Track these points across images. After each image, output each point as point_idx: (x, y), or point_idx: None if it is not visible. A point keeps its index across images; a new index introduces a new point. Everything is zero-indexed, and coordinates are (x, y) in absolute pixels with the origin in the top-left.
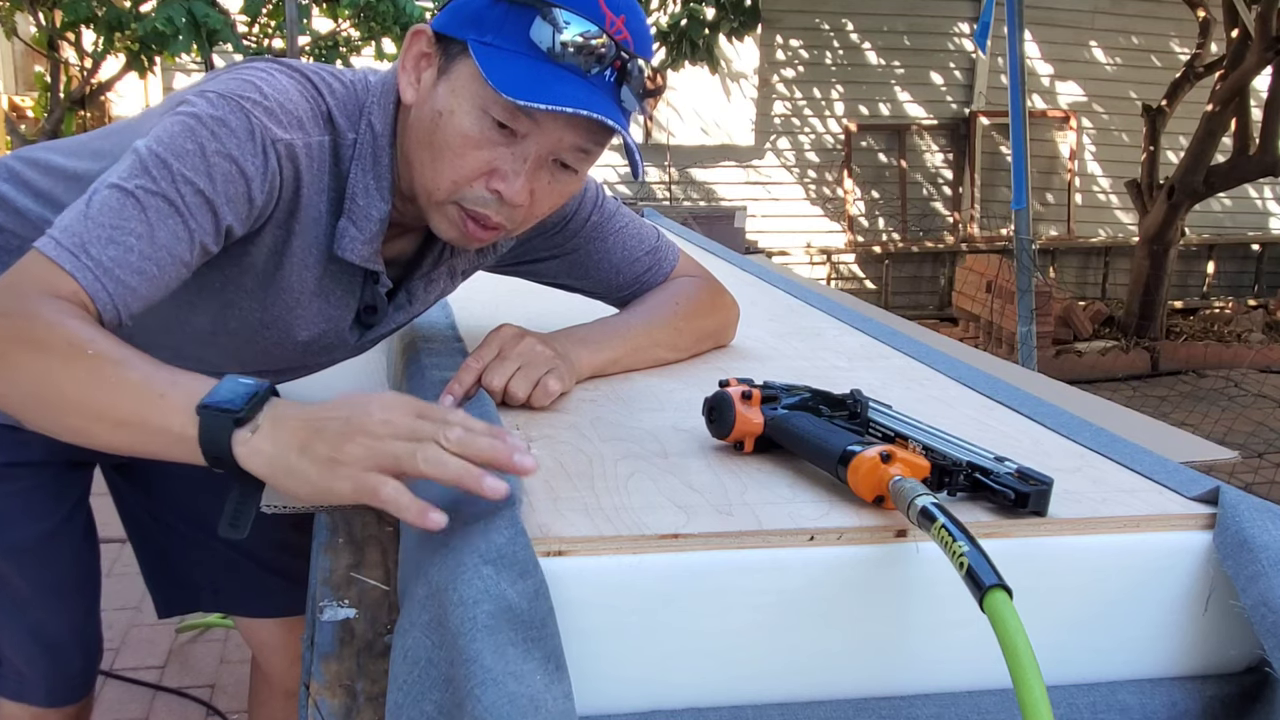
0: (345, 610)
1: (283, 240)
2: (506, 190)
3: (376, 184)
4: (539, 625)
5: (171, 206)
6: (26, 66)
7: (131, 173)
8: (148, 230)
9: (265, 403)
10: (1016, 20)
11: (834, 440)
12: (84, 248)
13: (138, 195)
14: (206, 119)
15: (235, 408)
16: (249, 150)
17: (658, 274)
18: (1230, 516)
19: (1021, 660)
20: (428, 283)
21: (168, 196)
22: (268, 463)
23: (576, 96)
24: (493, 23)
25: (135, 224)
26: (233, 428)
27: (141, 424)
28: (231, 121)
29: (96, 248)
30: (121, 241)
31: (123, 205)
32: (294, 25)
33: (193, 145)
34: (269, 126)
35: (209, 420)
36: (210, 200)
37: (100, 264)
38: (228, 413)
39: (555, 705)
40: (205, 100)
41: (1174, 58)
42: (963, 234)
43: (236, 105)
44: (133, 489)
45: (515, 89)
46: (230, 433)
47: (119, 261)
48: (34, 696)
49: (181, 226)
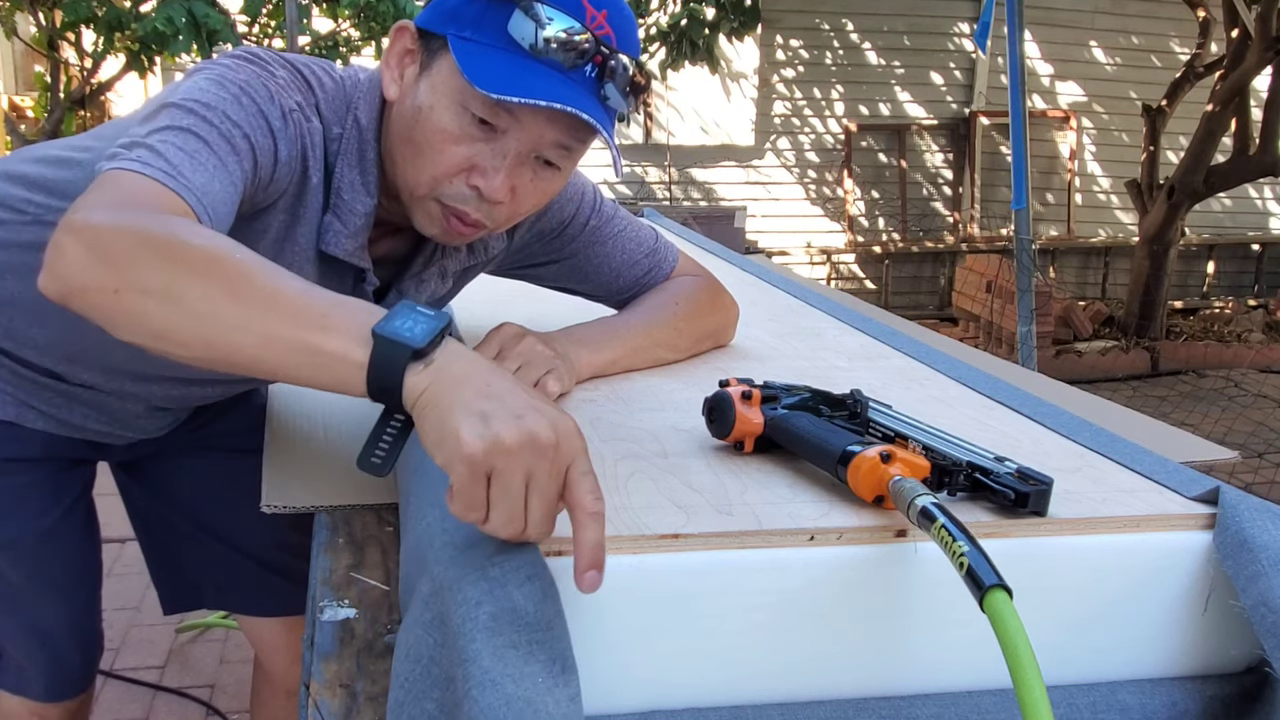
0: (345, 610)
1: (287, 226)
2: (486, 186)
3: (362, 179)
4: (544, 627)
5: (229, 143)
6: (26, 66)
7: (177, 117)
8: (219, 162)
9: (444, 340)
10: (1016, 20)
11: (834, 440)
12: (177, 170)
13: (196, 131)
14: (232, 76)
15: (417, 340)
16: (273, 111)
17: (657, 275)
18: (1230, 516)
19: (1021, 660)
20: (418, 283)
21: (224, 133)
22: (425, 397)
23: (555, 91)
24: (472, 18)
25: (206, 156)
26: (409, 360)
27: (297, 341)
28: (254, 82)
29: (188, 170)
30: (202, 169)
31: (186, 140)
32: (294, 25)
33: (227, 95)
34: (284, 93)
35: (385, 348)
36: (253, 145)
37: (197, 187)
38: (406, 345)
39: (557, 709)
40: (223, 64)
41: (1174, 58)
42: (963, 234)
43: (253, 69)
44: (140, 487)
45: (492, 83)
46: (405, 366)
47: (208, 189)
48: (34, 690)
49: (238, 165)
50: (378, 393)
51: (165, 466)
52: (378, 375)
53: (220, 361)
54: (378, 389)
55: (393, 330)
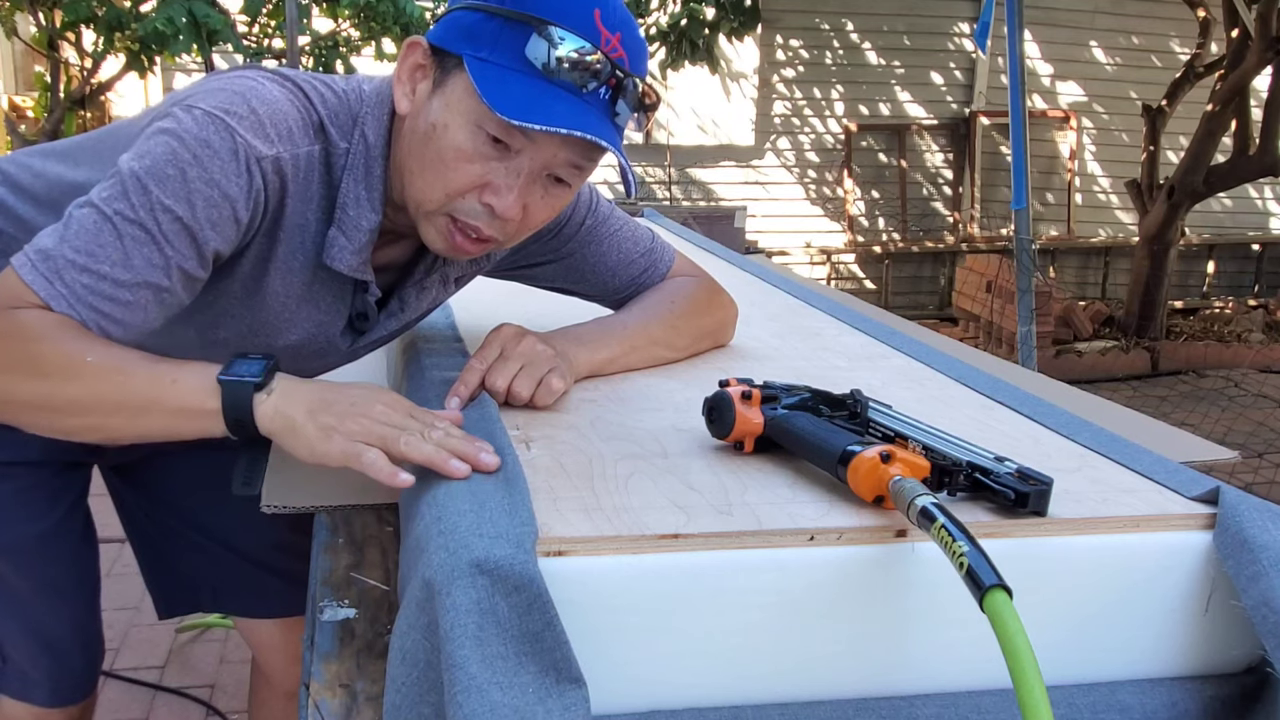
0: (345, 610)
1: (267, 248)
2: (499, 204)
3: (368, 195)
4: (531, 638)
5: (147, 234)
6: (26, 66)
7: (111, 195)
8: (123, 257)
9: (275, 371)
10: (1016, 20)
11: (834, 440)
12: (59, 274)
13: (114, 222)
14: (190, 140)
15: (255, 376)
16: (232, 171)
17: (654, 275)
18: (1230, 516)
19: (1021, 660)
20: (420, 290)
21: (144, 224)
22: (280, 421)
23: (572, 116)
24: (488, 38)
25: (111, 250)
26: (253, 392)
27: (161, 407)
28: (215, 142)
29: (71, 274)
30: (95, 270)
31: (99, 230)
32: (294, 25)
33: (174, 170)
34: (253, 144)
35: (231, 389)
36: (189, 227)
37: (74, 291)
38: (247, 382)
39: (548, 719)
40: (191, 117)
41: (1174, 58)
42: (963, 234)
43: (221, 124)
44: (131, 490)
45: (511, 109)
46: (251, 397)
47: (92, 289)
48: (37, 696)
49: (157, 253)
50: (235, 427)
51: (160, 468)
52: (232, 413)
53: (110, 439)
54: (234, 423)
55: (234, 374)
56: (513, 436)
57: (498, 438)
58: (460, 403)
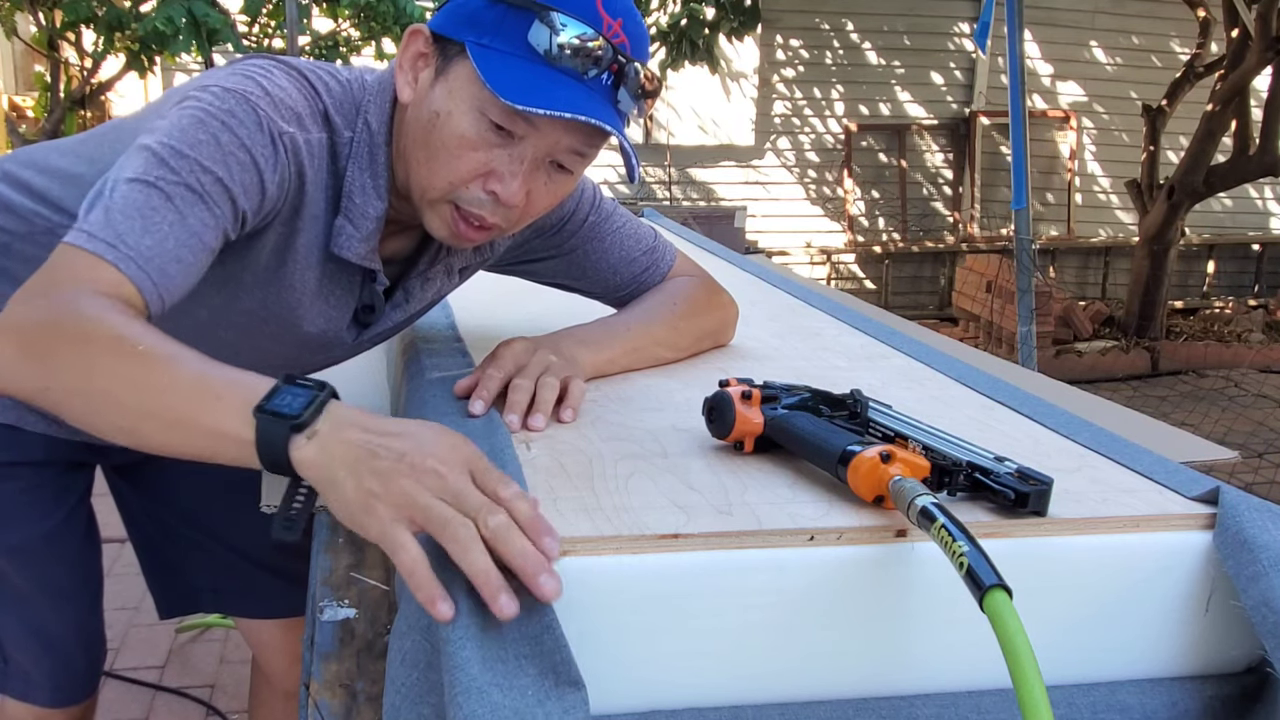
0: (345, 610)
1: (286, 238)
2: (503, 192)
3: (373, 182)
4: (531, 641)
5: (196, 194)
6: (26, 66)
7: (148, 166)
8: (179, 218)
9: (324, 407)
10: (1016, 20)
11: (834, 440)
12: (121, 238)
13: (160, 186)
14: (215, 111)
15: (294, 412)
16: (259, 140)
17: (655, 274)
18: (1230, 516)
19: (1021, 660)
20: (424, 281)
21: (190, 185)
22: (319, 472)
23: (574, 101)
24: (490, 24)
25: (166, 213)
26: (289, 434)
27: (195, 425)
28: (239, 113)
29: (134, 237)
30: (156, 230)
31: (148, 197)
32: (294, 25)
33: (205, 135)
34: (274, 119)
35: (266, 425)
36: (229, 188)
37: (140, 253)
38: (286, 418)
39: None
40: (210, 94)
41: (1174, 58)
42: (963, 234)
43: (242, 98)
44: (134, 491)
45: (513, 93)
46: (288, 439)
47: (157, 250)
48: (39, 697)
49: (208, 213)
50: (271, 466)
51: (162, 468)
52: (265, 451)
53: (140, 446)
54: (269, 463)
55: (271, 407)
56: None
57: (498, 438)
58: (484, 406)
